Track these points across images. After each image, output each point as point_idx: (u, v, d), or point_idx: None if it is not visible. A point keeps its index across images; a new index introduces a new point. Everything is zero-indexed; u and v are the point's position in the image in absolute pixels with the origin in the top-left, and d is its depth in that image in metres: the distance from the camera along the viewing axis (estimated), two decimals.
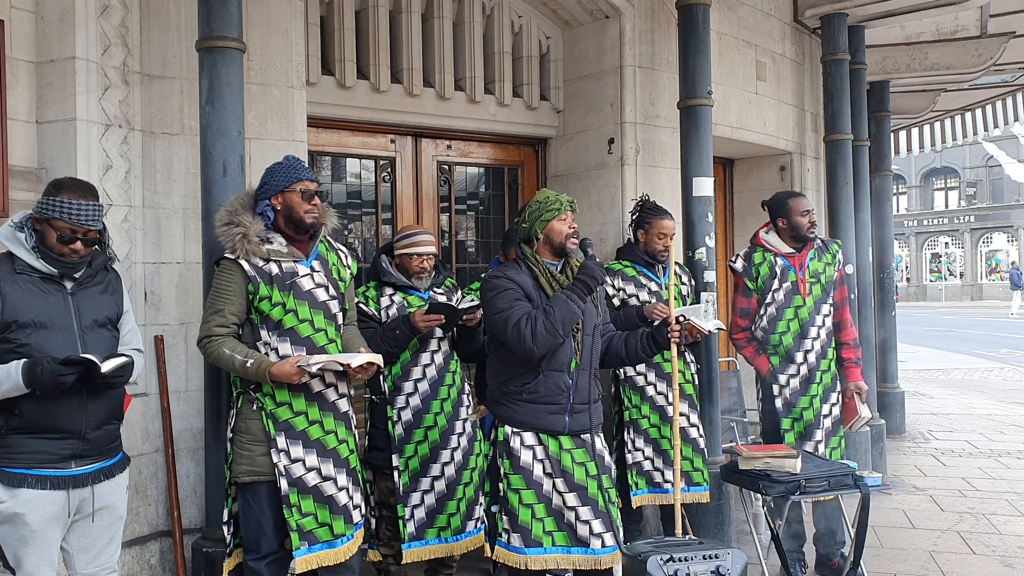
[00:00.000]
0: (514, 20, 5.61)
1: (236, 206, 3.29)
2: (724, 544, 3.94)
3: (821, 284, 4.45)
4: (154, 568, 3.92)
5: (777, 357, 4.43)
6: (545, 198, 3.41)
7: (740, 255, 4.57)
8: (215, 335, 3.19)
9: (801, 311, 4.41)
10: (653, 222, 4.51)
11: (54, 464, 2.73)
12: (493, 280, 3.35)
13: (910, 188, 42.44)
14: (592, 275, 3.30)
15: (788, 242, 4.47)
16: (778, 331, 4.41)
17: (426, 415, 3.97)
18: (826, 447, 4.41)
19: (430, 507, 3.94)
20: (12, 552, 2.72)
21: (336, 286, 3.39)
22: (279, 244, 3.26)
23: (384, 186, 5.31)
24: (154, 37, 4.00)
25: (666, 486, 4.40)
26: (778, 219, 4.50)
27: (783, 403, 4.42)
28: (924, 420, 9.30)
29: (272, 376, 3.10)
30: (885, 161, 8.76)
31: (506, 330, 3.24)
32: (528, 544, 3.28)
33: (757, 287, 4.46)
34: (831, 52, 6.49)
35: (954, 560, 4.77)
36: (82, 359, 2.63)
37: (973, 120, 11.53)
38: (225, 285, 3.21)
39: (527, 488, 3.30)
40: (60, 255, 2.75)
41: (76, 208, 2.71)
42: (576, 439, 3.37)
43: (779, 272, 4.43)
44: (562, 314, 3.22)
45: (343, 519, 3.25)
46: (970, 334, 21.85)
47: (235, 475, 3.26)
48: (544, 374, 3.31)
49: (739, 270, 4.52)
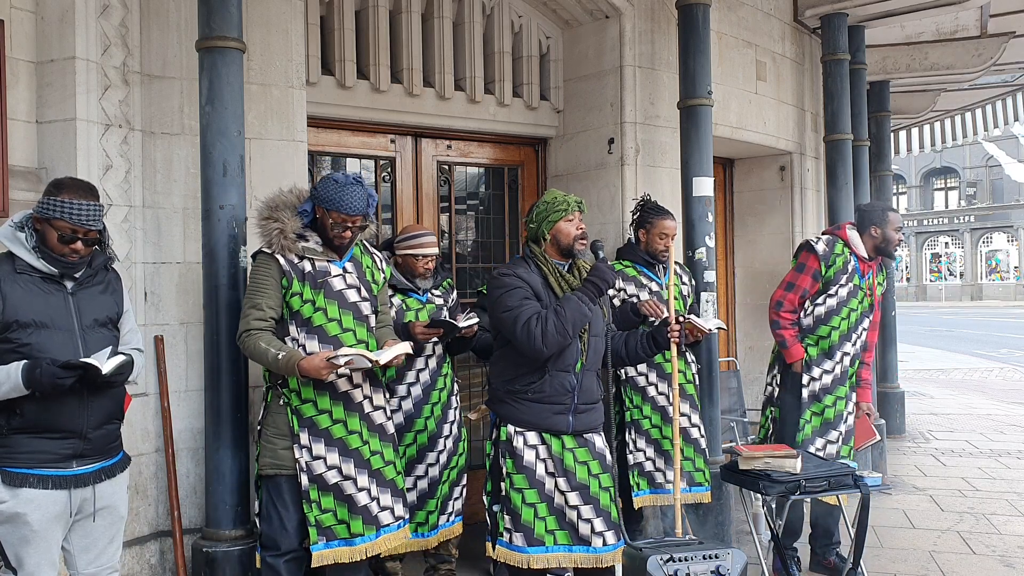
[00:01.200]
0: (514, 20, 5.61)
1: (278, 202, 3.35)
2: (724, 544, 3.95)
3: (871, 299, 4.49)
4: (154, 568, 3.92)
5: (816, 350, 4.43)
6: (552, 198, 3.41)
7: (822, 239, 4.50)
8: (253, 329, 3.24)
9: (854, 315, 4.42)
10: (655, 222, 4.50)
11: (55, 464, 2.73)
12: (502, 278, 3.33)
13: (910, 188, 42.45)
14: (603, 277, 3.30)
15: (869, 249, 4.47)
16: (831, 324, 4.40)
17: (417, 419, 4.02)
18: (845, 444, 4.44)
19: (411, 504, 3.97)
20: (13, 552, 2.71)
21: (369, 288, 3.43)
22: (315, 242, 3.33)
23: (384, 186, 5.30)
24: (154, 37, 3.99)
25: (668, 486, 4.40)
26: (872, 227, 4.44)
27: (810, 394, 4.41)
28: (924, 420, 9.31)
29: (301, 370, 3.13)
30: (885, 161, 8.76)
31: (515, 329, 3.23)
32: (530, 543, 3.29)
33: (826, 276, 4.43)
34: (831, 52, 6.49)
35: (954, 560, 4.77)
36: (82, 363, 2.62)
37: (973, 120, 11.53)
38: (262, 279, 3.27)
39: (530, 487, 3.30)
40: (61, 255, 2.75)
41: (77, 208, 2.71)
42: (578, 438, 3.38)
43: (850, 271, 4.42)
44: (573, 315, 3.21)
45: (362, 520, 3.27)
46: (970, 334, 21.86)
47: (260, 468, 3.33)
48: (550, 374, 3.31)
49: (820, 253, 4.42)
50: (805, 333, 4.46)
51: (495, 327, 3.45)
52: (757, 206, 7.13)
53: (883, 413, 7.56)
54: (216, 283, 3.65)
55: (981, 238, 40.89)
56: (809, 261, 4.46)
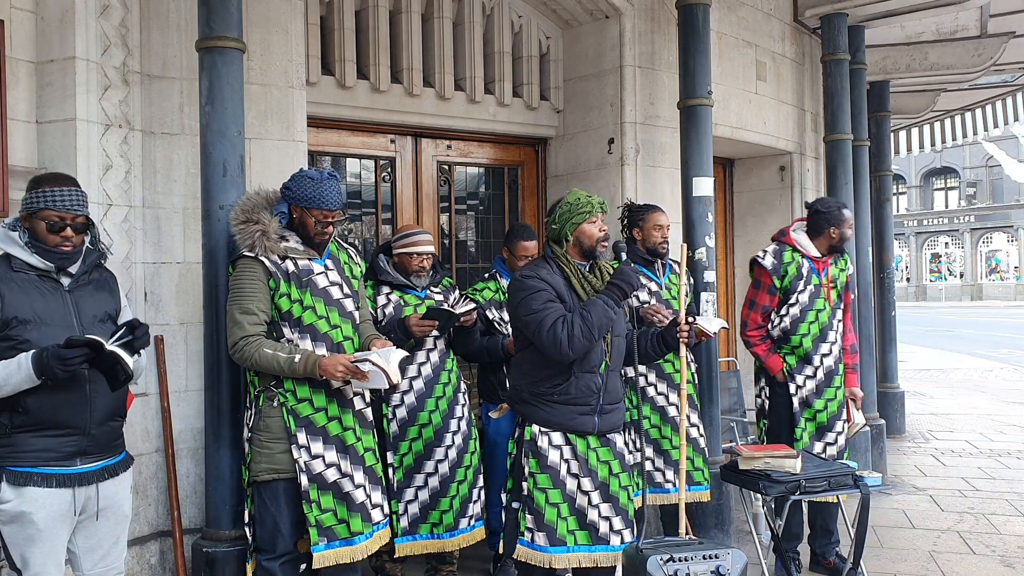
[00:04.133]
0: (514, 20, 5.61)
1: (253, 204, 3.31)
2: (724, 544, 3.94)
3: (837, 289, 4.47)
4: (154, 568, 3.92)
5: (794, 358, 4.42)
6: (576, 199, 3.39)
7: (769, 252, 4.49)
8: (251, 335, 3.20)
9: (822, 315, 4.41)
10: (647, 216, 4.48)
11: (59, 462, 2.73)
12: (526, 280, 3.30)
13: (910, 188, 42.44)
14: (628, 280, 3.30)
15: (822, 249, 4.45)
16: (799, 333, 4.40)
17: (421, 412, 4.00)
18: (843, 446, 4.42)
19: (423, 503, 3.97)
20: (19, 552, 2.71)
21: (349, 284, 3.44)
22: (295, 242, 3.31)
23: (384, 186, 5.31)
24: (154, 37, 3.99)
25: (667, 486, 4.40)
26: (831, 228, 4.41)
27: (800, 402, 4.41)
28: (924, 420, 9.30)
29: (322, 368, 3.13)
30: (885, 161, 8.76)
31: (541, 333, 3.20)
32: (553, 543, 3.28)
33: (783, 287, 4.43)
34: (831, 52, 6.49)
35: (954, 560, 4.77)
36: (86, 339, 2.62)
37: (973, 120, 11.53)
38: (248, 283, 3.24)
39: (553, 487, 3.30)
40: (53, 247, 2.75)
41: (59, 195, 2.74)
42: (601, 438, 3.39)
43: (805, 274, 4.41)
44: (599, 319, 3.21)
45: (360, 517, 3.27)
46: (970, 334, 21.85)
47: (254, 474, 3.28)
48: (576, 376, 3.29)
49: (768, 268, 4.43)
50: (779, 344, 4.46)
51: (517, 329, 3.42)
52: (757, 206, 7.14)
53: (883, 413, 7.56)
54: (216, 283, 3.64)
55: (981, 238, 40.89)
56: (762, 277, 4.48)
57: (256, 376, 3.29)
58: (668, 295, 4.43)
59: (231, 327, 3.26)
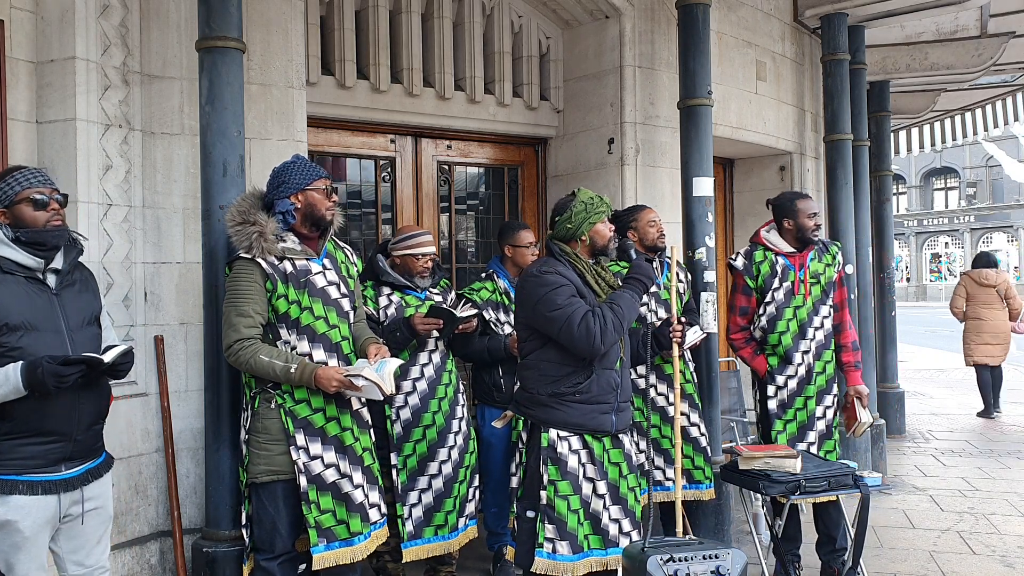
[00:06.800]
0: (514, 20, 5.61)
1: (247, 205, 3.30)
2: (724, 544, 3.94)
3: (821, 285, 4.43)
4: (154, 568, 3.92)
5: (775, 358, 4.41)
6: (590, 199, 3.40)
7: (740, 253, 4.53)
8: (247, 338, 3.18)
9: (800, 311, 4.39)
10: (638, 216, 4.48)
11: (45, 468, 2.69)
12: (545, 276, 3.27)
13: (910, 188, 42.44)
14: (647, 274, 3.35)
15: (791, 242, 4.45)
16: (777, 331, 4.39)
17: (424, 414, 3.99)
18: (820, 450, 4.38)
19: (428, 506, 3.96)
20: (4, 559, 2.68)
21: (346, 283, 3.42)
22: (292, 242, 3.30)
23: (384, 186, 5.31)
24: (154, 37, 3.99)
25: (667, 483, 4.40)
26: (784, 219, 4.44)
27: (778, 404, 4.39)
28: (924, 420, 9.30)
29: (317, 379, 3.13)
30: (885, 161, 8.76)
31: (571, 327, 3.16)
32: (575, 551, 3.26)
33: (757, 286, 4.43)
34: (831, 52, 6.49)
35: (954, 560, 4.77)
36: (83, 358, 2.61)
37: (973, 120, 11.53)
38: (245, 285, 3.21)
39: (573, 494, 3.28)
40: (45, 224, 2.71)
41: (32, 173, 2.74)
42: (615, 439, 3.39)
43: (780, 271, 4.40)
44: (628, 312, 3.25)
45: (359, 517, 3.26)
46: None
47: (252, 476, 3.27)
48: (597, 373, 3.28)
49: (740, 268, 4.47)
50: (761, 345, 4.46)
51: (530, 328, 3.36)
52: (757, 206, 7.12)
53: (883, 413, 7.56)
54: (216, 283, 3.64)
55: (981, 238, 40.87)
56: (736, 278, 4.52)
57: (252, 378, 3.28)
58: (667, 294, 4.42)
59: (226, 329, 3.24)
